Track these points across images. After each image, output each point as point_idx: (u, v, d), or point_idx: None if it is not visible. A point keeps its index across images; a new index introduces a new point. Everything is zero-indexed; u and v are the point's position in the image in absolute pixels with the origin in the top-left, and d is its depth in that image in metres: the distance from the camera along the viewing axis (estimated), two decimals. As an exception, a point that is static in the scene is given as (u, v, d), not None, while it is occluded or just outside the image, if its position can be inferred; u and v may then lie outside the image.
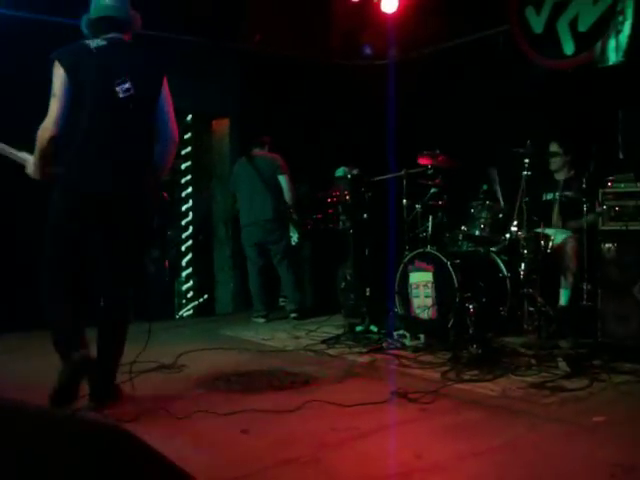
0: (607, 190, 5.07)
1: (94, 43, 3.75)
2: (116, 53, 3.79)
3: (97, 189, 3.72)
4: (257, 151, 7.50)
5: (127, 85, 3.71)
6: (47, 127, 3.63)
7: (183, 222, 8.97)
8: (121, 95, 3.70)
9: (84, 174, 3.74)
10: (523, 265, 5.58)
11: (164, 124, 3.95)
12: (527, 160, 5.60)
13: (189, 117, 8.73)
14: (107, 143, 3.74)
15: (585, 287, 5.37)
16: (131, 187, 3.82)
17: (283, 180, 7.35)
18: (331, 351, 5.51)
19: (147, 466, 1.32)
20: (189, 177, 9.02)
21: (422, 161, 6.55)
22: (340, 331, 6.19)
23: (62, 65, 3.64)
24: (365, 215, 6.78)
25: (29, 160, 3.78)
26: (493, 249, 6.15)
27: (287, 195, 7.36)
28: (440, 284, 5.81)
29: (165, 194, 4.06)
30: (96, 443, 1.25)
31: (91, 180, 3.73)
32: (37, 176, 3.79)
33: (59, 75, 3.64)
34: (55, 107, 3.64)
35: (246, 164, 7.46)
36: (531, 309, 5.47)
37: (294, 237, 7.54)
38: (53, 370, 3.65)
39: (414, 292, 6.03)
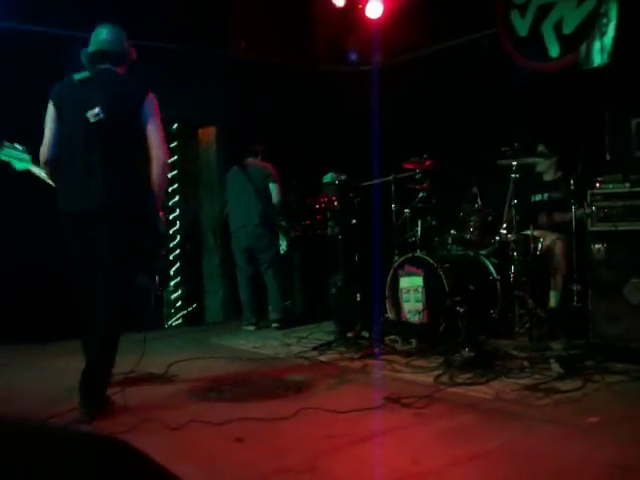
0: (595, 191, 5.08)
1: (78, 75, 4.10)
2: (95, 82, 4.08)
3: (77, 207, 4.01)
4: (250, 160, 7.53)
5: (96, 110, 3.98)
6: (41, 153, 4.13)
7: (170, 231, 8.93)
8: (91, 120, 3.98)
9: (66, 195, 4.07)
10: (513, 267, 5.60)
11: (151, 145, 4.11)
12: (515, 162, 5.62)
13: (175, 126, 8.70)
14: (83, 166, 3.99)
15: (575, 288, 5.38)
16: (112, 204, 3.99)
17: (273, 188, 7.39)
18: (323, 358, 5.49)
19: (146, 476, 1.30)
20: (176, 186, 8.99)
21: (409, 167, 6.56)
22: (331, 337, 6.17)
23: (52, 101, 4.11)
24: (354, 220, 6.77)
25: None
26: (483, 252, 6.16)
27: (275, 201, 7.38)
28: (430, 288, 5.81)
29: (162, 213, 4.23)
30: (93, 455, 1.22)
31: (72, 200, 4.03)
32: None
33: (49, 111, 4.12)
34: (46, 136, 4.12)
35: (238, 172, 7.50)
36: (522, 311, 5.49)
37: (283, 245, 7.52)
38: (37, 383, 3.63)
39: (405, 297, 6.03)
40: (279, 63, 8.44)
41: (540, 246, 5.80)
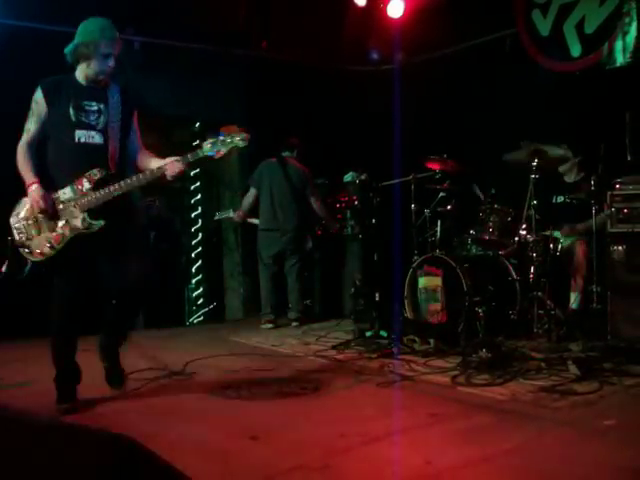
0: (615, 192, 5.05)
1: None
2: None
3: None
4: (288, 156, 7.45)
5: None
6: None
7: (192, 229, 9.01)
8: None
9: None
10: (532, 268, 5.57)
11: None
12: (535, 163, 5.59)
13: (197, 124, 8.75)
14: None
15: (595, 289, 5.35)
16: None
17: (314, 201, 7.39)
18: (341, 356, 5.50)
19: (153, 474, 1.33)
20: (198, 184, 9.07)
21: (430, 166, 6.56)
22: (350, 336, 6.18)
23: None
24: (374, 220, 6.77)
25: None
26: (502, 253, 6.14)
27: (320, 212, 7.42)
28: (449, 288, 5.80)
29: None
30: (101, 453, 1.25)
31: None
32: None
33: None
34: None
35: (277, 167, 7.35)
36: (541, 312, 5.47)
37: (309, 243, 7.53)
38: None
39: (423, 297, 6.03)
40: (301, 62, 8.46)
41: (560, 247, 5.78)
